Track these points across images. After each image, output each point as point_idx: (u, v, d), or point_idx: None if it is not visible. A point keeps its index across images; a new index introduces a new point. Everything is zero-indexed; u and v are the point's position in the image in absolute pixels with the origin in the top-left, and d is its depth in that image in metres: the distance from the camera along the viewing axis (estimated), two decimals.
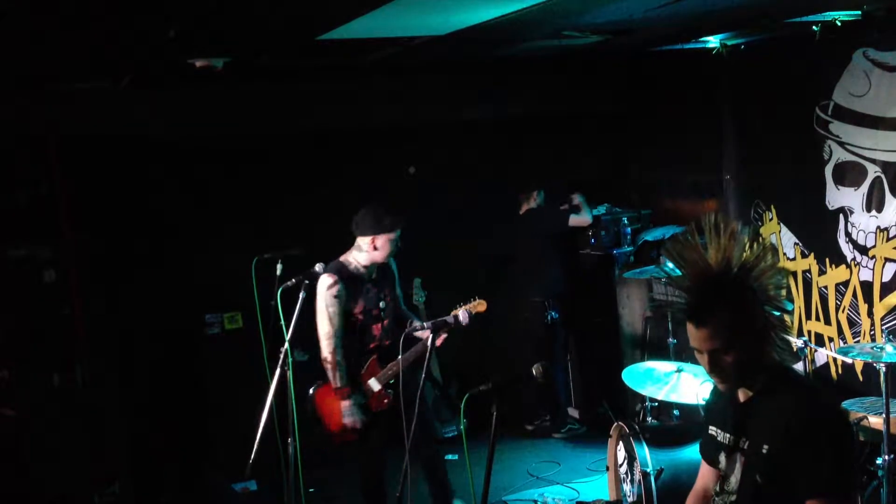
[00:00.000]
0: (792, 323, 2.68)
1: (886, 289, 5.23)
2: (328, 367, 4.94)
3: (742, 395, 2.69)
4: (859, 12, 4.92)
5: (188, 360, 6.57)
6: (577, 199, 6.99)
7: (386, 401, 5.01)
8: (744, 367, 2.58)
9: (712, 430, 2.83)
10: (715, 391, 2.92)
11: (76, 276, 6.09)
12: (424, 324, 4.37)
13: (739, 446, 2.67)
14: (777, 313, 2.60)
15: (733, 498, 2.67)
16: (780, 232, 6.02)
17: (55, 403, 5.90)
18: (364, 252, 5.03)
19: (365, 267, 5.05)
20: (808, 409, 2.53)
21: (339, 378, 4.91)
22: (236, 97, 6.26)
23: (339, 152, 6.93)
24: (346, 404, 4.92)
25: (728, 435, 2.73)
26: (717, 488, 2.77)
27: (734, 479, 2.67)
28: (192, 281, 6.53)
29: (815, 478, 2.44)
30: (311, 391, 5.13)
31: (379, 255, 5.02)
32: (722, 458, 2.74)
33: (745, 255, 2.61)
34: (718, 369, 2.60)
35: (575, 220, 6.91)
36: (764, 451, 2.54)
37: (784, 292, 2.63)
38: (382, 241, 5.00)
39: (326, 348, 4.92)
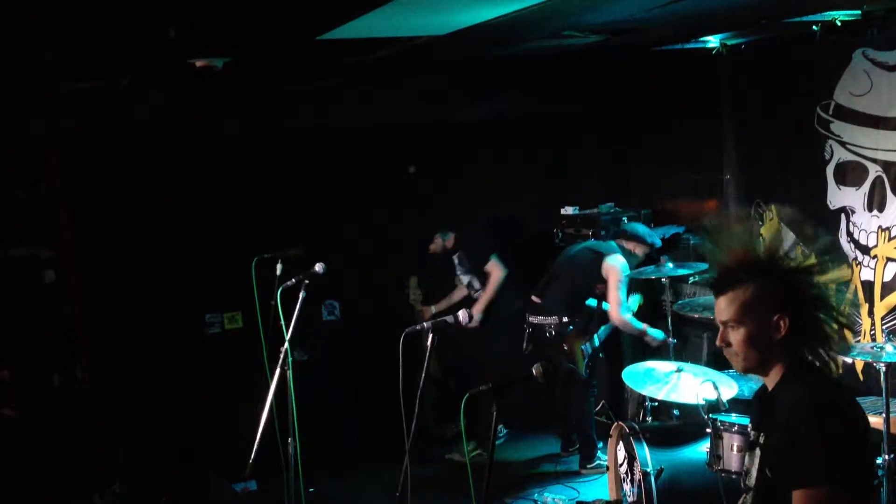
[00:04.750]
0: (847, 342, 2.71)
1: (887, 288, 5.23)
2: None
3: (769, 389, 2.69)
4: (859, 12, 4.91)
5: (188, 360, 6.57)
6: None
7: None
8: (751, 349, 2.60)
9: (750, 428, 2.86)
10: (755, 393, 2.92)
11: (76, 276, 6.10)
12: (424, 324, 4.36)
13: (758, 441, 2.67)
14: (834, 325, 2.61)
15: (752, 492, 2.67)
16: (781, 230, 6.01)
17: (55, 403, 5.90)
18: None
19: None
20: (809, 402, 2.51)
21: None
22: (236, 97, 6.26)
23: (339, 152, 6.93)
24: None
25: (752, 431, 2.75)
26: (742, 484, 2.77)
27: (753, 474, 2.67)
28: (192, 281, 6.54)
29: (801, 470, 2.43)
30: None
31: None
32: (747, 454, 2.76)
33: (808, 258, 2.65)
34: (725, 343, 2.65)
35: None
36: (771, 444, 2.55)
37: (849, 310, 2.65)
38: None
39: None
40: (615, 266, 6.06)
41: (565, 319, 6.18)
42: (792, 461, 2.45)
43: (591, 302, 6.35)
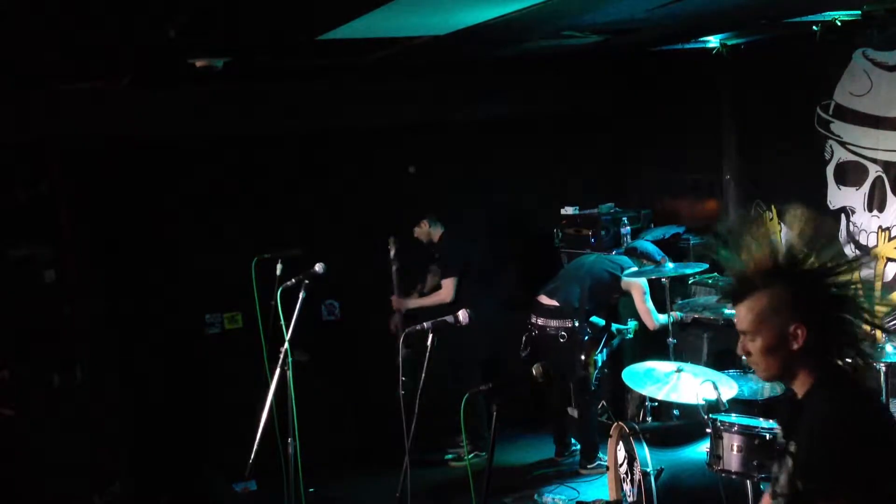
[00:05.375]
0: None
1: (888, 288, 5.23)
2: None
3: (798, 396, 2.64)
4: (859, 12, 4.92)
5: (188, 360, 6.57)
6: None
7: None
8: (770, 359, 2.53)
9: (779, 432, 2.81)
10: (783, 396, 2.88)
11: (76, 276, 6.09)
12: (425, 323, 4.37)
13: (788, 448, 2.63)
14: (863, 325, 2.52)
15: (782, 500, 2.63)
16: (780, 232, 6.02)
17: (55, 403, 5.90)
18: None
19: None
20: (828, 416, 2.44)
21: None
22: (236, 97, 6.26)
23: (339, 152, 6.93)
24: None
25: (782, 438, 2.71)
26: (771, 490, 2.74)
27: (783, 481, 2.63)
28: (192, 281, 6.54)
29: (820, 487, 2.39)
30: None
31: None
32: (777, 461, 2.71)
33: (827, 258, 2.55)
34: (746, 353, 2.59)
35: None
36: (799, 454, 2.51)
37: (879, 310, 2.59)
38: None
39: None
40: (636, 281, 6.18)
41: (578, 325, 6.15)
42: (812, 476, 2.41)
43: (597, 320, 6.35)
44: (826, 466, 2.39)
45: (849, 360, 2.54)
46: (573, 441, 6.55)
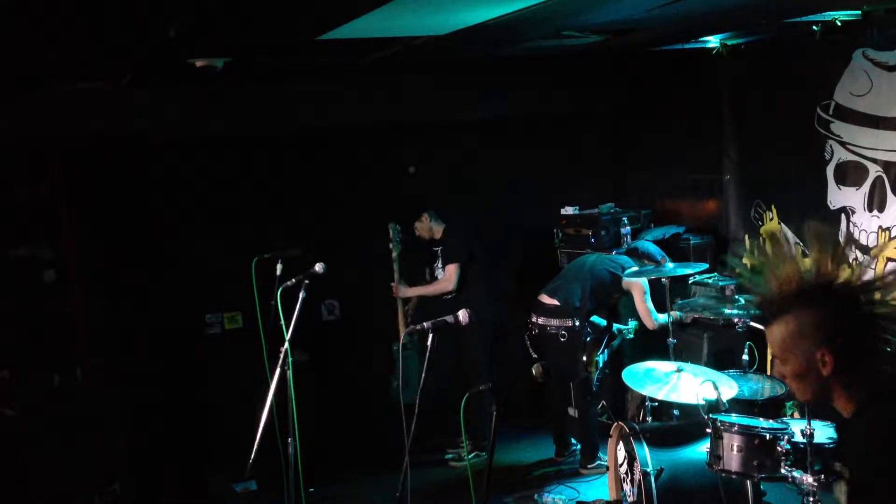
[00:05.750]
0: None
1: (888, 289, 5.22)
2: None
3: (846, 417, 2.57)
4: (859, 12, 4.92)
5: (188, 360, 6.57)
6: None
7: None
8: (803, 385, 2.44)
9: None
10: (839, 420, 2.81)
11: (76, 276, 6.09)
12: (425, 323, 4.36)
13: (843, 474, 2.58)
14: None
15: None
16: (780, 232, 6.02)
17: (55, 403, 5.90)
18: None
19: None
20: (869, 433, 2.36)
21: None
22: (236, 97, 6.26)
23: (339, 152, 6.93)
24: None
25: (838, 462, 2.66)
26: None
27: None
28: (192, 281, 6.54)
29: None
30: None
31: None
32: (834, 486, 2.67)
33: (860, 275, 2.46)
34: (780, 375, 2.49)
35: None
36: (849, 478, 2.47)
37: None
38: None
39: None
40: (637, 281, 6.19)
41: (578, 324, 6.16)
42: (855, 500, 2.36)
43: (598, 320, 6.36)
44: (866, 490, 2.35)
45: (888, 377, 2.41)
46: (573, 441, 6.55)
